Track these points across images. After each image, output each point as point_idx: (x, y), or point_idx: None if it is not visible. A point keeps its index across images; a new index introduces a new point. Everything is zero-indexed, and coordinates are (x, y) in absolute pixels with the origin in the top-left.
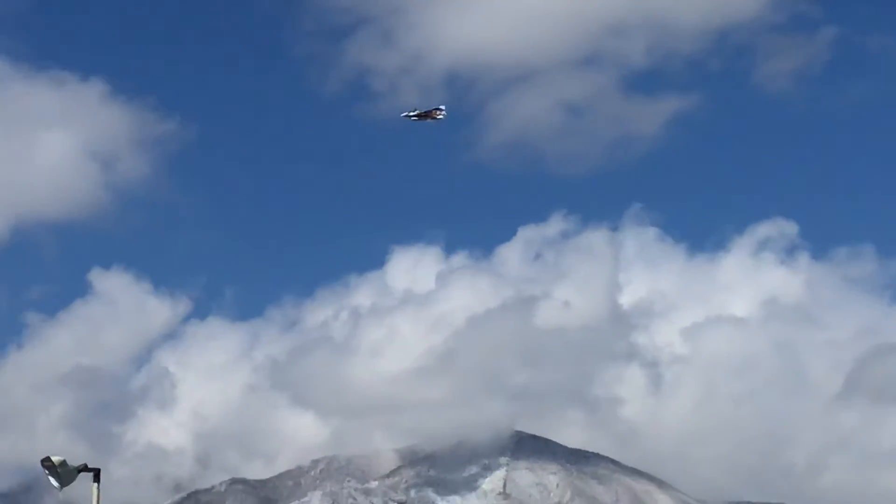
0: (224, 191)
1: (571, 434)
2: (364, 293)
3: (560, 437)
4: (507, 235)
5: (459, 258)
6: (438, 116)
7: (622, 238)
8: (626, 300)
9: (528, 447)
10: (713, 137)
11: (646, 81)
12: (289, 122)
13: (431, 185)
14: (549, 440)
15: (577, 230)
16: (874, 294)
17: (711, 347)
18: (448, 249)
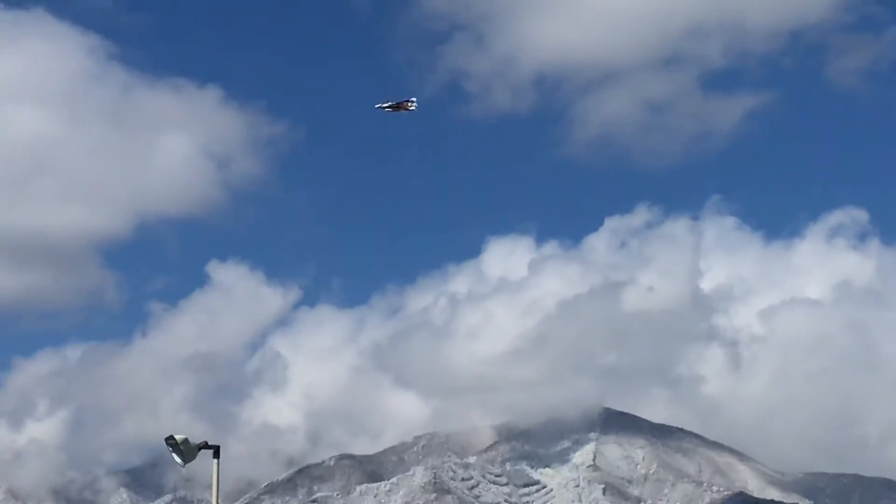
0: (331, 187)
1: (656, 410)
2: (461, 281)
3: (646, 413)
4: (595, 225)
5: (550, 247)
6: (410, 108)
7: (702, 227)
8: (707, 285)
9: (616, 423)
10: (787, 131)
11: (723, 80)
12: (390, 123)
13: (524, 180)
14: (636, 416)
15: (660, 220)
16: None
17: (787, 328)
18: (539, 239)
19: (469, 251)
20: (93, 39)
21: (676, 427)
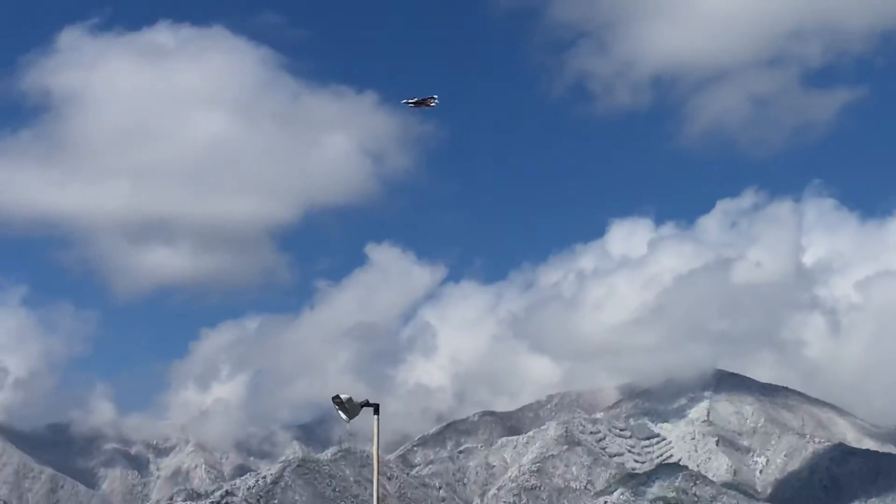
0: (473, 178)
1: (763, 371)
2: (588, 258)
3: (754, 374)
4: (707, 208)
5: (667, 228)
6: (432, 104)
7: (804, 208)
8: (808, 259)
9: (728, 382)
10: (878, 122)
11: (821, 77)
12: (523, 121)
13: (643, 168)
14: (745, 376)
15: (766, 202)
16: None
17: (881, 297)
18: (658, 221)
19: (595, 232)
20: (265, 52)
21: (782, 386)
